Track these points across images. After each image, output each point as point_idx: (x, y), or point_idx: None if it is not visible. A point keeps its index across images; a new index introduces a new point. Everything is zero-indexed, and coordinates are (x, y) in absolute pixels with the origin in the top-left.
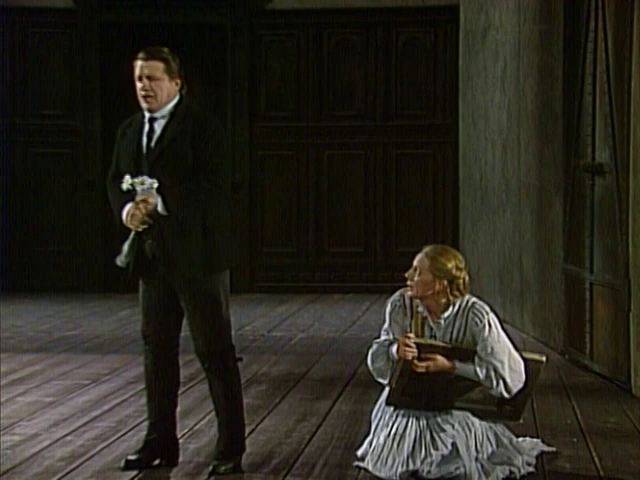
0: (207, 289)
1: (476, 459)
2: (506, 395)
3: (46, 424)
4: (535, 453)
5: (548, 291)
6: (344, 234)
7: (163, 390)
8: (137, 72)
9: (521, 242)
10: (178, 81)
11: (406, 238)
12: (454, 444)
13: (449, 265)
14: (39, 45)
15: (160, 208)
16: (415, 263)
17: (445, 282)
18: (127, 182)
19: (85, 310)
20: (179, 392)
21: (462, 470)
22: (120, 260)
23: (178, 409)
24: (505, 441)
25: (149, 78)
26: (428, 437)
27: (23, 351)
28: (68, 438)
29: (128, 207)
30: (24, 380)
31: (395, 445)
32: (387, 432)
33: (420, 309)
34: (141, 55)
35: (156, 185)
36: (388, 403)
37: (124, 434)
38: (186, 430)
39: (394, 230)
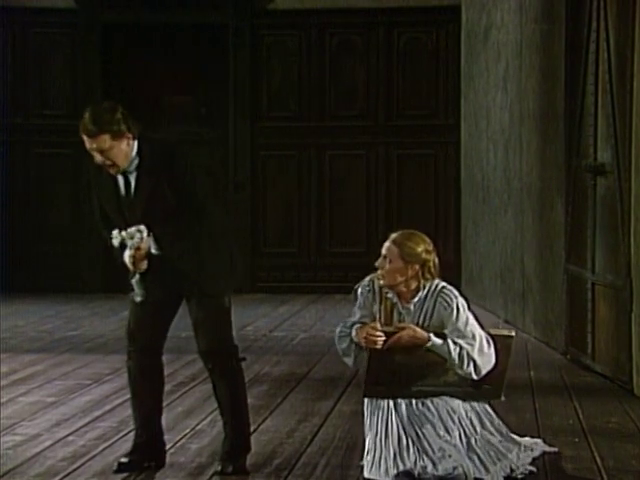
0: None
1: (469, 447)
2: (474, 376)
3: (48, 424)
4: (536, 453)
5: (550, 291)
6: (346, 234)
7: (148, 392)
8: (87, 145)
9: (523, 242)
10: (129, 135)
11: None
12: (442, 449)
13: (418, 249)
14: (40, 45)
15: (154, 250)
16: (384, 251)
17: (417, 266)
18: (116, 239)
19: (86, 310)
20: (180, 392)
21: (461, 470)
22: (136, 296)
23: (180, 409)
24: (487, 422)
25: (100, 151)
26: (413, 434)
27: (25, 351)
28: (70, 438)
29: (125, 256)
30: (26, 380)
31: (382, 445)
32: (374, 433)
33: (390, 295)
34: (84, 127)
35: (145, 233)
36: (365, 395)
37: (126, 434)
38: (188, 430)
39: (396, 230)
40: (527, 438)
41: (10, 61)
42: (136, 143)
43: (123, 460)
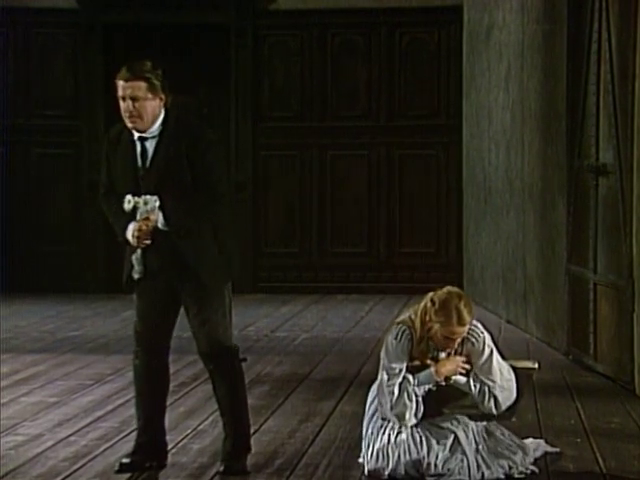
0: (214, 292)
1: (477, 450)
2: (494, 412)
3: (50, 424)
4: (538, 453)
5: (552, 291)
6: (347, 234)
7: (153, 392)
8: (120, 92)
9: (525, 242)
10: (162, 96)
11: (409, 238)
12: (455, 437)
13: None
14: (42, 45)
15: (160, 225)
16: (457, 337)
17: None
18: (129, 203)
19: (88, 310)
20: (182, 392)
21: (466, 462)
22: (135, 273)
23: (181, 409)
24: (497, 433)
25: (133, 99)
26: (426, 429)
27: (26, 351)
28: (72, 438)
29: (132, 227)
30: (28, 380)
31: (393, 440)
32: (383, 433)
33: (442, 355)
34: (123, 74)
35: (158, 204)
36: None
37: (127, 434)
38: (189, 430)
39: (397, 230)
40: (530, 439)
41: (11, 61)
42: (164, 110)
43: (125, 460)
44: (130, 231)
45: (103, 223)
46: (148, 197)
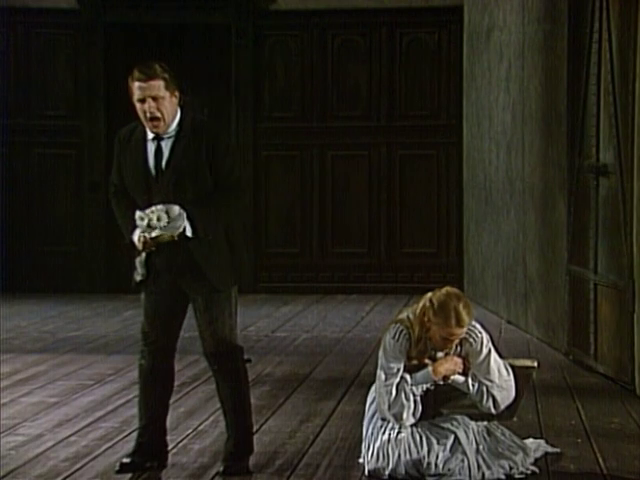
0: (222, 292)
1: (477, 451)
2: (493, 411)
3: (50, 425)
4: (539, 454)
5: (552, 292)
6: (348, 235)
7: (157, 392)
8: (138, 94)
9: (525, 243)
10: (177, 94)
11: (410, 239)
12: (456, 437)
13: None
14: (43, 46)
15: (189, 232)
16: (454, 339)
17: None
18: (142, 219)
19: (89, 311)
20: (183, 392)
21: (467, 462)
22: (137, 275)
23: (182, 409)
24: (498, 434)
25: (153, 98)
26: (427, 429)
27: (27, 352)
28: (72, 439)
29: (138, 232)
30: (28, 381)
31: (393, 439)
32: (383, 433)
33: (440, 355)
34: (139, 75)
35: (184, 223)
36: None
37: (128, 434)
38: (190, 430)
39: (398, 231)
40: (530, 439)
41: (12, 61)
42: (179, 111)
43: (125, 460)
44: (136, 236)
45: (103, 223)
46: (163, 208)
